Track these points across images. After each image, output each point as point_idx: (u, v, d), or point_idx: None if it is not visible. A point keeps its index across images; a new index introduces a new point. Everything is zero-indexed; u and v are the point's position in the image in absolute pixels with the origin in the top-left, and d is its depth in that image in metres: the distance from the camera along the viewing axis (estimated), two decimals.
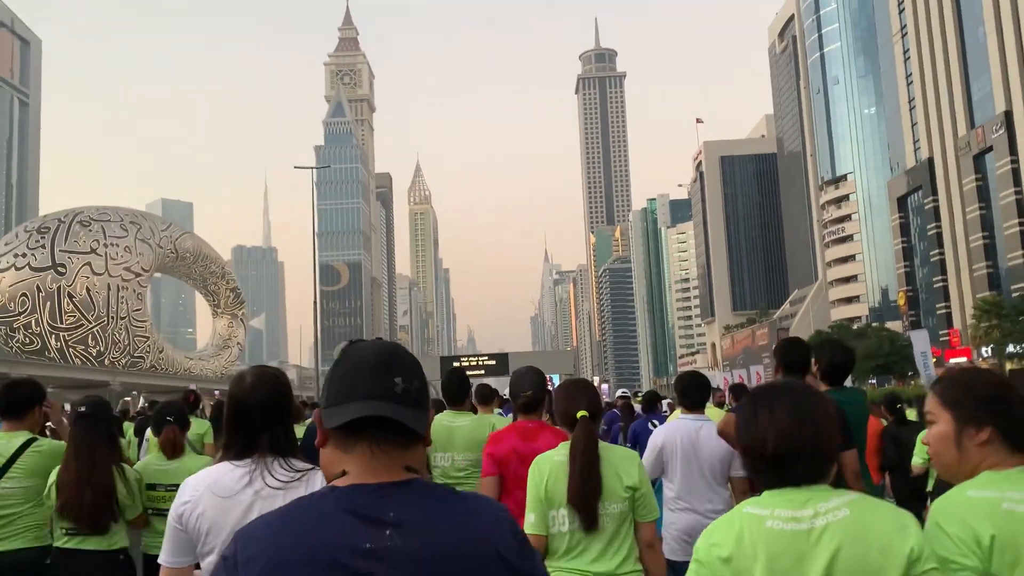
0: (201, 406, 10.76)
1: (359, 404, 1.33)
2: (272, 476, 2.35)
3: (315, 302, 37.27)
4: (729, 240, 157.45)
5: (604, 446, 3.22)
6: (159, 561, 2.47)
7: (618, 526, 3.15)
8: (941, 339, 74.08)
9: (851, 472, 3.82)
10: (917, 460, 6.88)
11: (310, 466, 2.39)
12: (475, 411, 5.76)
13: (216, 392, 33.60)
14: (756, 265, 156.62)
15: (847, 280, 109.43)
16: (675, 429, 4.75)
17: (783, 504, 1.74)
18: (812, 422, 1.79)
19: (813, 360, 4.28)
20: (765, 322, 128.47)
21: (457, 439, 5.06)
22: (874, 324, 73.61)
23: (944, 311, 79.33)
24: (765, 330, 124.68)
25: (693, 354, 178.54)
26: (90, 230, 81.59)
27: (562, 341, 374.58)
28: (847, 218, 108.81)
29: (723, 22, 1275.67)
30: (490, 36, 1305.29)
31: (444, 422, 5.08)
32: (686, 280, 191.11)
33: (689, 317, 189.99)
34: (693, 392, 4.95)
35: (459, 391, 5.34)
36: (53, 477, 4.16)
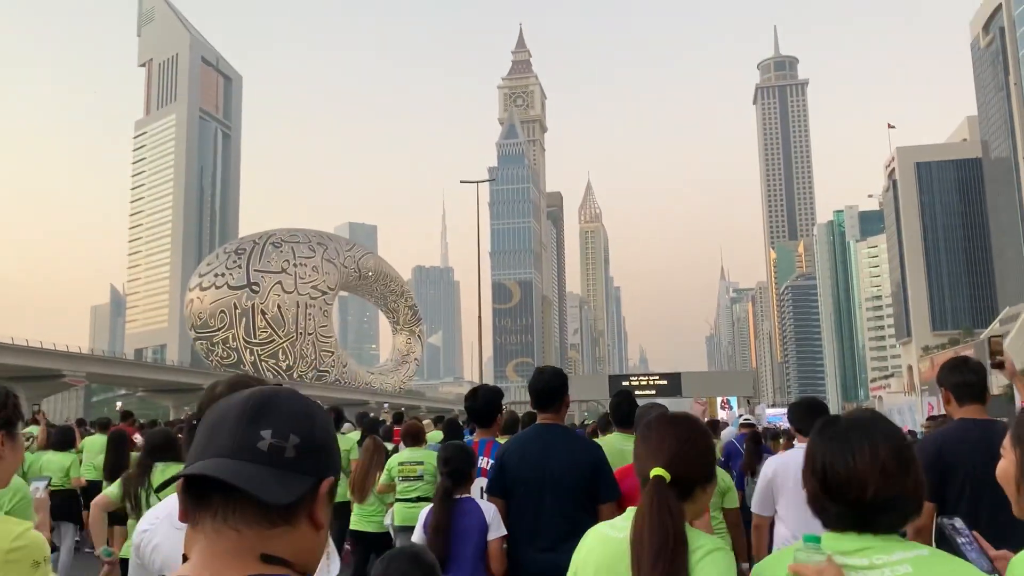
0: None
1: (203, 463, 0.96)
2: None
3: (479, 318, 36.70)
4: (927, 253, 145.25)
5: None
6: None
7: None
8: None
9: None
10: None
11: None
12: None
13: (385, 405, 33.23)
14: (959, 280, 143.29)
15: None
16: (788, 459, 4.47)
17: (836, 548, 1.58)
18: (914, 468, 1.61)
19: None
20: (971, 342, 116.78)
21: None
22: None
23: None
24: (971, 351, 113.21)
25: (887, 377, 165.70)
26: (281, 251, 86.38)
27: (740, 362, 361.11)
28: None
29: (915, 21, 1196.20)
30: (662, 47, 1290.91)
31: (617, 445, 4.85)
32: (878, 297, 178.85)
33: (882, 337, 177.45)
34: (810, 418, 4.39)
35: (628, 413, 5.16)
36: None
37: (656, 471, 1.87)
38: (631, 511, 1.83)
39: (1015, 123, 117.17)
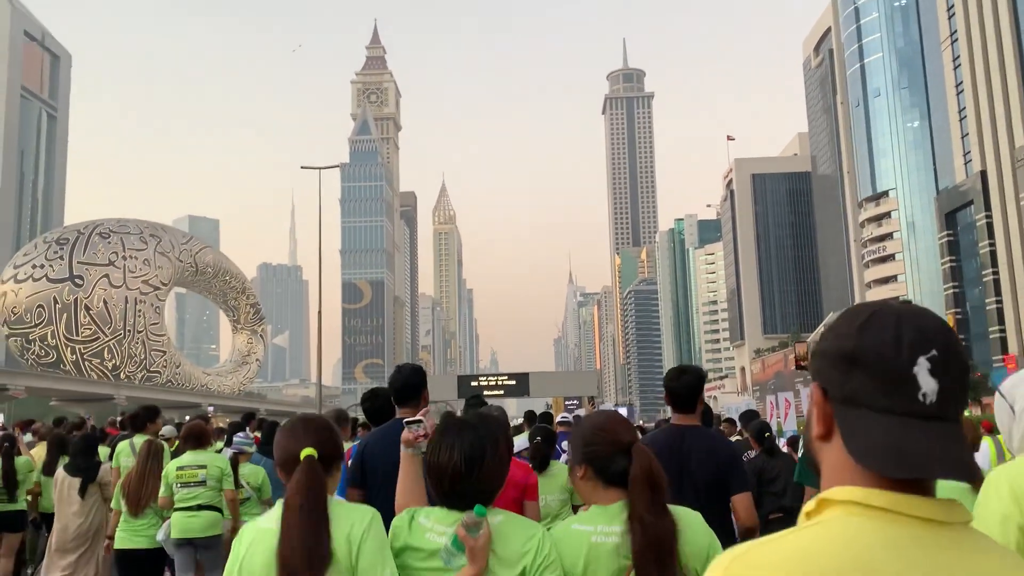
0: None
1: None
2: None
3: (319, 314, 34.44)
4: (760, 261, 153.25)
5: (335, 502, 2.37)
6: None
7: None
8: (995, 366, 69.71)
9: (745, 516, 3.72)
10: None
11: None
12: None
13: (211, 409, 30.53)
14: (788, 287, 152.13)
15: None
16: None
17: (442, 519, 2.15)
18: (483, 466, 2.14)
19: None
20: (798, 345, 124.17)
21: None
22: None
23: (998, 335, 74.91)
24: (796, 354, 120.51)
25: (722, 378, 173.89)
26: (109, 242, 79.80)
27: (586, 363, 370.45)
28: (888, 236, 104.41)
29: (755, 40, 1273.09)
30: (518, 57, 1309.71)
31: None
32: (714, 302, 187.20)
33: (717, 340, 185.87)
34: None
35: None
36: None
37: (307, 451, 2.26)
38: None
39: (840, 141, 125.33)
